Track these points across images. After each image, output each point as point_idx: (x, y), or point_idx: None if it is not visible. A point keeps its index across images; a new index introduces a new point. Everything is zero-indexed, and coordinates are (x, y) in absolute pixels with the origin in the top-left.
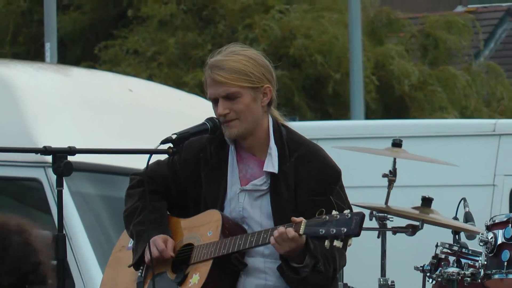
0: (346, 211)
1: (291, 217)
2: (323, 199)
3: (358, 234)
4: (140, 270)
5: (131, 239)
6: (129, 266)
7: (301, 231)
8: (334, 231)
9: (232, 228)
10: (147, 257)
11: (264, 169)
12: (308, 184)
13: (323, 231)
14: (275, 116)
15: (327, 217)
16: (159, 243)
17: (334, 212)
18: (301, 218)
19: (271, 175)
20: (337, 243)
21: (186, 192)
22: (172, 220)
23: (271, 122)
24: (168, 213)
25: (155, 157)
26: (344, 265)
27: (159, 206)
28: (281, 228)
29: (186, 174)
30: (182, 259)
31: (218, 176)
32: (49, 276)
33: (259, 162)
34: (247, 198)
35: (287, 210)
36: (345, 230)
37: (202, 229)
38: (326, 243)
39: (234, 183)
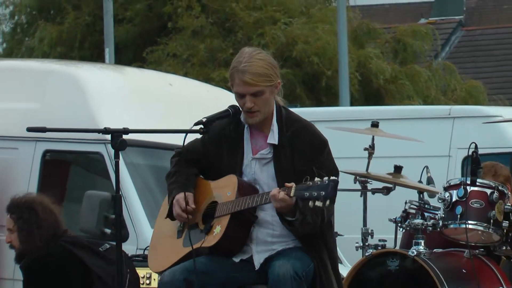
0: (325, 178)
1: (291, 179)
2: (316, 166)
3: (333, 197)
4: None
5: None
6: (165, 218)
7: (292, 193)
8: (315, 194)
9: (246, 188)
10: (174, 211)
11: (268, 141)
12: (302, 151)
13: (307, 194)
14: (277, 101)
15: (310, 183)
16: (181, 202)
17: (316, 179)
18: (292, 184)
19: (273, 146)
20: (318, 203)
21: (212, 161)
22: (203, 182)
23: (275, 105)
24: (201, 176)
25: (190, 136)
26: (332, 215)
27: (187, 172)
28: (275, 191)
29: (212, 148)
30: (209, 214)
31: (236, 148)
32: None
33: (265, 137)
34: (257, 165)
35: (287, 173)
36: (323, 193)
37: (223, 190)
38: (310, 203)
39: (248, 152)
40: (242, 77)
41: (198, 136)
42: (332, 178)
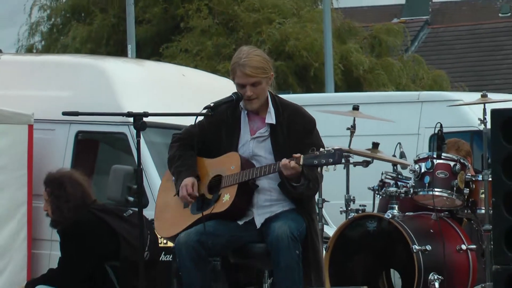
0: (330, 148)
1: (285, 153)
2: (307, 141)
3: (340, 162)
4: None
5: (173, 177)
6: (174, 195)
7: (301, 162)
8: (324, 161)
9: (246, 163)
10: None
11: (266, 121)
12: (296, 129)
13: (317, 161)
14: (269, 90)
15: (317, 153)
16: (189, 187)
17: (321, 149)
18: (299, 154)
19: (270, 125)
20: (325, 169)
21: (210, 142)
22: (201, 160)
23: (269, 93)
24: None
25: (200, 118)
26: (321, 181)
27: (189, 154)
28: (285, 160)
29: (211, 131)
30: (214, 185)
31: (233, 130)
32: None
33: (261, 119)
34: (255, 143)
35: (283, 147)
36: (331, 160)
37: (226, 165)
38: (318, 169)
39: (246, 134)
40: (243, 69)
41: (203, 118)
42: (337, 147)
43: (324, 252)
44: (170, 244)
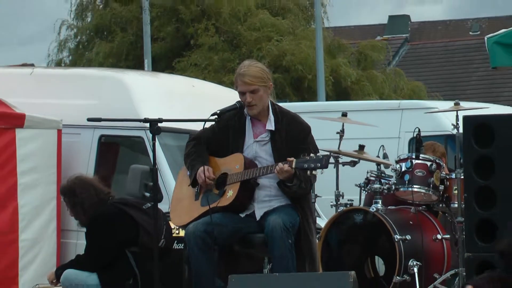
0: (319, 154)
1: (284, 155)
2: (303, 146)
3: (326, 167)
4: (196, 188)
5: (188, 170)
6: (189, 186)
7: (293, 165)
8: (313, 165)
9: (249, 163)
10: (200, 179)
11: (266, 128)
12: (293, 135)
13: (306, 165)
14: (270, 99)
15: (308, 157)
16: (206, 172)
17: (312, 154)
18: (292, 158)
19: (270, 131)
20: (314, 172)
21: (219, 144)
22: (212, 159)
23: (270, 102)
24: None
25: (208, 124)
26: (315, 181)
27: (202, 152)
28: (280, 164)
29: (220, 134)
30: (221, 182)
31: (239, 134)
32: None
33: (263, 125)
34: (258, 146)
35: (281, 150)
36: (319, 165)
37: (232, 164)
38: (308, 172)
39: (250, 137)
40: (242, 78)
41: (214, 123)
42: (325, 154)
43: (316, 241)
44: (182, 233)
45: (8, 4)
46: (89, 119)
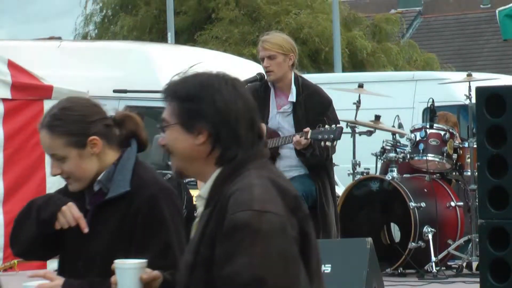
0: (333, 125)
1: (304, 127)
2: (321, 118)
3: (339, 138)
4: None
5: None
6: None
7: (309, 136)
8: (326, 136)
9: (272, 133)
10: None
11: (289, 99)
12: (313, 107)
13: (320, 136)
14: (295, 72)
15: (322, 129)
16: None
17: (326, 126)
18: (308, 129)
19: (292, 103)
20: (328, 143)
21: None
22: None
23: (293, 75)
24: None
25: None
26: (334, 153)
27: None
28: (297, 136)
29: None
30: None
31: (264, 104)
32: None
33: (286, 96)
34: (281, 116)
35: (302, 122)
36: (332, 136)
37: None
38: (323, 143)
39: (273, 108)
40: (262, 44)
41: None
42: (338, 125)
43: (333, 215)
44: None
45: None
46: (115, 91)
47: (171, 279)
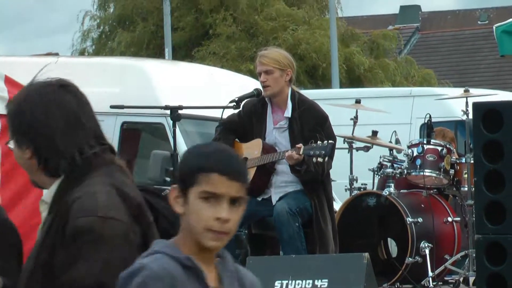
0: (325, 141)
1: (300, 142)
2: (316, 134)
3: (330, 155)
4: None
5: None
6: None
7: (301, 152)
8: (317, 152)
9: (268, 148)
10: None
11: (284, 115)
12: (308, 123)
13: (312, 152)
14: (293, 87)
15: (314, 145)
16: None
17: (318, 142)
18: (300, 145)
19: (288, 118)
20: (319, 159)
21: (246, 129)
22: (237, 144)
23: (290, 90)
24: (237, 140)
25: (226, 111)
26: (330, 168)
27: (228, 137)
28: (289, 151)
29: (245, 119)
30: None
31: (261, 120)
32: None
33: (283, 112)
34: (277, 132)
35: (298, 138)
36: (323, 152)
37: (252, 149)
38: (314, 159)
39: (270, 124)
40: (260, 59)
41: (232, 110)
42: (330, 141)
43: (330, 231)
44: None
45: None
46: (112, 106)
47: (11, 285)
